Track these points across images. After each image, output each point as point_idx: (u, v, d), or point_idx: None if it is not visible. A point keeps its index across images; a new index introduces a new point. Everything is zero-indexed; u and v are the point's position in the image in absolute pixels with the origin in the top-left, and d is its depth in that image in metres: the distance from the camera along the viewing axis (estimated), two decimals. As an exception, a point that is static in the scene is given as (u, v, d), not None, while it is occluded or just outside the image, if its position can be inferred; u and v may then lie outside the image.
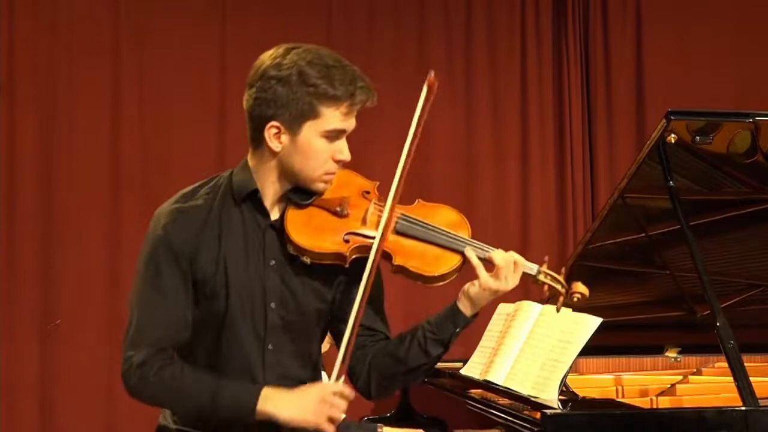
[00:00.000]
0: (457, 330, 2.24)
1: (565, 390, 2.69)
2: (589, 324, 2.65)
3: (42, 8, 4.55)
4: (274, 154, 2.16)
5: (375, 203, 2.18)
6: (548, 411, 2.39)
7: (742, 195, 3.09)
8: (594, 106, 5.25)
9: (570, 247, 4.86)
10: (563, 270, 2.30)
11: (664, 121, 2.74)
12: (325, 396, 2.10)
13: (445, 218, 2.22)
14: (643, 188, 3.00)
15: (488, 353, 2.95)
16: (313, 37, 4.94)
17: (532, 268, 2.25)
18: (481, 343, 3.08)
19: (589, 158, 5.25)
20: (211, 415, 2.13)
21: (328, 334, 2.37)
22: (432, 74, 2.22)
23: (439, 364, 3.29)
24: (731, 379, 2.54)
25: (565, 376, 2.61)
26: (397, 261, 2.14)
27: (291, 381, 2.18)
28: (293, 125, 2.11)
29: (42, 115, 4.53)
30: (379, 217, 2.14)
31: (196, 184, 2.27)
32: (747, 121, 2.76)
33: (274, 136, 2.14)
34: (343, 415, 2.14)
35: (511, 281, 2.19)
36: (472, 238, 2.21)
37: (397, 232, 2.17)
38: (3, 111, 4.48)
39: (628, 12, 5.27)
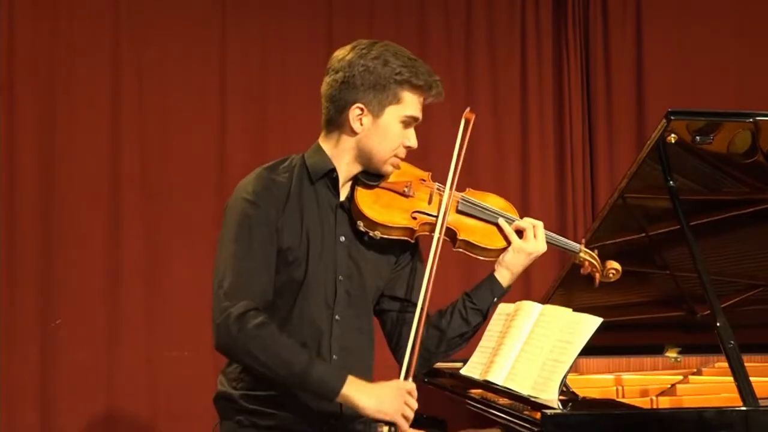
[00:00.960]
0: (495, 299, 2.50)
1: (565, 390, 2.69)
2: (589, 324, 2.64)
3: (42, 8, 4.54)
4: (353, 134, 2.36)
5: (437, 186, 2.46)
6: (548, 411, 2.39)
7: (742, 195, 3.09)
8: (594, 106, 5.25)
9: (570, 247, 4.86)
10: (596, 251, 2.63)
11: (664, 121, 2.74)
12: (402, 393, 2.28)
13: (495, 202, 2.51)
14: (643, 188, 3.00)
15: (488, 353, 2.95)
16: (313, 37, 4.97)
17: (574, 246, 2.61)
18: (481, 343, 3.08)
19: (589, 158, 5.25)
20: (297, 384, 2.25)
21: None
22: (468, 110, 2.55)
23: (439, 364, 3.31)
24: (731, 379, 2.54)
25: (566, 376, 2.61)
26: (461, 236, 2.42)
27: (352, 354, 2.37)
28: (377, 108, 2.34)
29: (42, 115, 4.53)
30: (442, 198, 2.41)
31: (273, 162, 2.41)
32: (747, 121, 2.77)
33: (357, 117, 2.34)
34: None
35: (538, 243, 2.48)
36: None
37: (459, 212, 2.45)
38: (3, 111, 4.47)
39: (628, 12, 5.27)
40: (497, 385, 2.77)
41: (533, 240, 2.48)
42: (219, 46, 4.79)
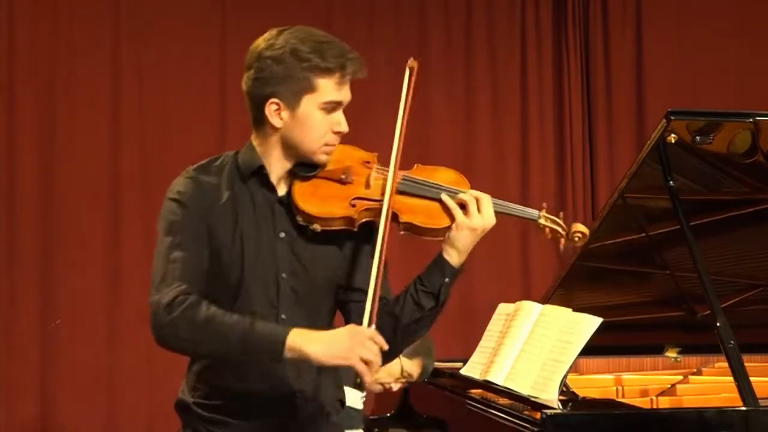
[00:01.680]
0: (446, 280, 2.28)
1: (565, 390, 2.69)
2: (589, 324, 2.65)
3: (42, 8, 4.54)
4: (276, 130, 2.27)
5: (376, 169, 2.30)
6: (548, 411, 2.39)
7: (742, 195, 3.09)
8: (594, 106, 5.25)
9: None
10: (561, 214, 2.43)
11: (664, 121, 2.74)
12: (356, 336, 2.12)
13: (444, 177, 2.34)
14: (643, 188, 3.00)
15: (488, 353, 2.95)
16: (313, 37, 4.96)
17: (532, 213, 2.39)
18: (481, 343, 3.08)
19: (589, 158, 5.25)
20: (240, 352, 2.14)
21: None
22: (411, 60, 2.42)
23: (439, 364, 3.31)
24: (731, 379, 2.54)
25: (565, 376, 2.61)
26: (404, 218, 2.25)
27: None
28: (292, 100, 2.23)
29: (42, 115, 4.53)
30: (383, 181, 2.27)
31: (203, 161, 2.35)
32: (747, 121, 2.77)
33: (274, 113, 2.25)
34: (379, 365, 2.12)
35: (483, 217, 2.27)
36: None
37: (400, 192, 2.28)
38: (3, 111, 4.47)
39: (628, 12, 5.27)
40: (497, 385, 2.77)
41: (477, 215, 2.27)
42: (219, 46, 4.79)
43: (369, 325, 2.14)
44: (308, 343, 2.12)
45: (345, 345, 2.12)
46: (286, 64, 2.21)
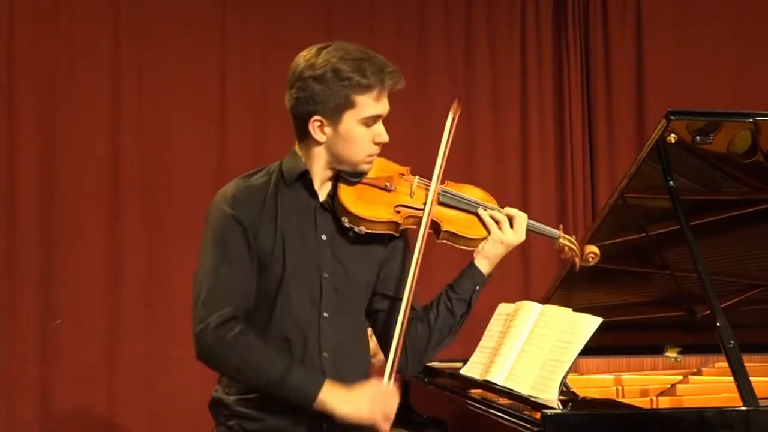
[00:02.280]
0: (477, 287, 2.50)
1: (565, 390, 2.69)
2: (589, 324, 2.65)
3: (42, 8, 4.55)
4: (319, 143, 2.38)
5: (419, 180, 2.48)
6: (548, 411, 2.39)
7: (742, 195, 3.09)
8: (594, 106, 5.25)
9: (570, 247, 4.86)
10: (574, 236, 2.65)
11: (664, 121, 2.74)
12: (381, 394, 2.28)
13: (475, 193, 2.54)
14: (643, 188, 3.00)
15: (488, 353, 2.95)
16: (313, 37, 4.93)
17: (553, 232, 2.62)
18: (481, 343, 3.08)
19: (589, 158, 5.25)
20: (274, 391, 2.27)
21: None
22: (456, 102, 2.61)
23: (439, 364, 3.31)
24: (731, 379, 2.54)
25: (566, 376, 2.61)
26: (445, 227, 2.45)
27: (345, 351, 2.38)
28: (334, 117, 2.34)
29: (42, 115, 4.53)
30: (425, 191, 2.45)
31: (251, 171, 2.46)
32: (747, 121, 2.76)
33: (318, 129, 2.36)
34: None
35: (516, 234, 2.50)
36: None
37: (441, 204, 2.47)
38: (3, 111, 4.47)
39: (628, 12, 5.27)
40: (497, 385, 2.77)
41: (510, 231, 2.49)
42: (219, 46, 4.79)
43: (389, 379, 2.29)
44: (336, 402, 2.27)
45: (369, 404, 2.27)
46: (327, 83, 2.31)
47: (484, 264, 2.50)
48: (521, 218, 2.51)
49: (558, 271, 3.58)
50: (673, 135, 2.76)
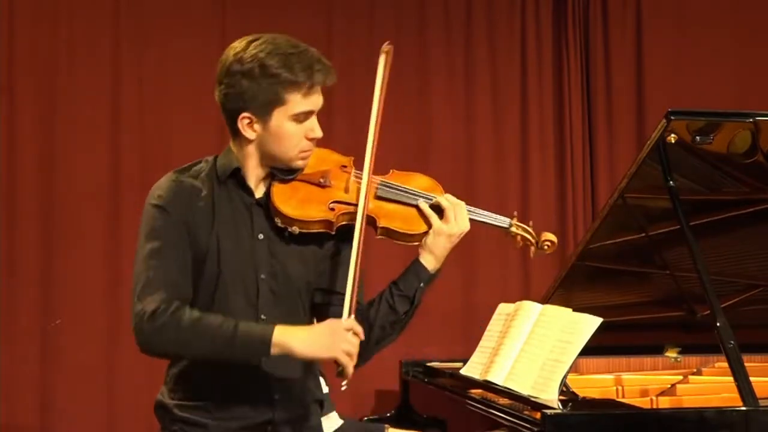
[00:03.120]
0: (422, 284, 2.37)
1: (565, 390, 2.69)
2: (589, 324, 2.65)
3: (42, 8, 4.54)
4: (250, 141, 2.32)
5: (355, 174, 2.36)
6: (548, 411, 2.39)
7: (742, 195, 3.09)
8: (594, 106, 5.24)
9: (570, 247, 4.86)
10: (531, 222, 2.54)
11: (664, 121, 2.74)
12: (337, 330, 2.20)
13: (420, 183, 2.42)
14: (643, 188, 3.00)
15: (488, 353, 2.95)
16: (313, 37, 4.93)
17: (504, 221, 2.51)
18: (481, 343, 3.09)
19: (589, 158, 5.24)
20: (228, 353, 2.20)
21: None
22: (386, 44, 2.39)
23: (439, 364, 3.32)
24: (731, 379, 2.55)
25: (566, 376, 2.61)
26: (382, 223, 2.34)
27: (284, 356, 2.24)
28: (263, 114, 2.28)
29: (42, 115, 4.53)
30: (360, 185, 2.32)
31: (184, 166, 2.40)
32: (747, 121, 2.77)
33: (247, 126, 2.30)
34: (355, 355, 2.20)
35: (459, 223, 2.37)
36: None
37: (378, 197, 2.36)
38: (3, 111, 4.47)
39: (628, 12, 5.26)
40: (497, 385, 2.77)
41: (453, 221, 2.36)
42: (219, 46, 4.76)
43: (348, 315, 2.21)
44: (293, 339, 2.18)
45: (327, 339, 2.19)
46: (255, 79, 2.25)
47: (429, 259, 2.38)
48: (460, 206, 2.40)
49: (558, 271, 3.58)
50: (673, 135, 2.76)
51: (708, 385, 3.23)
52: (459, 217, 2.38)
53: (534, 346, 2.76)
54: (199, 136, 4.71)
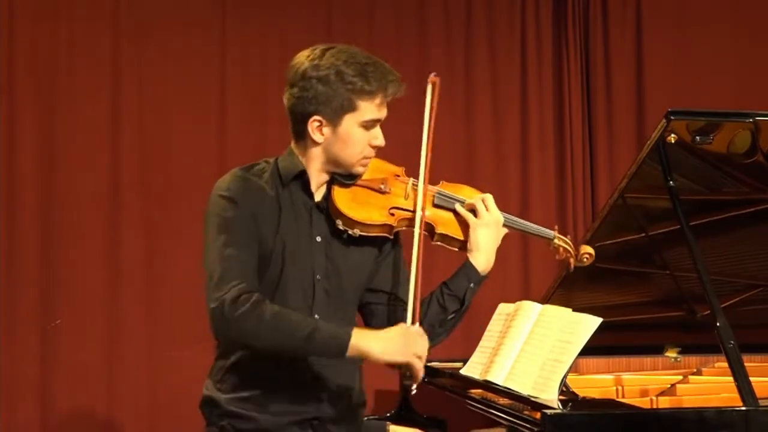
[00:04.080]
0: (472, 285, 2.51)
1: (565, 390, 2.69)
2: (589, 324, 2.65)
3: (42, 8, 4.54)
4: (317, 144, 2.41)
5: (413, 182, 2.48)
6: (548, 411, 2.39)
7: (742, 195, 3.09)
8: (594, 106, 5.25)
9: (570, 247, 4.86)
10: (569, 236, 2.70)
11: (664, 121, 2.74)
12: (410, 335, 2.30)
13: (469, 194, 2.56)
14: (643, 188, 3.00)
15: (488, 353, 2.95)
16: (313, 37, 4.94)
17: (548, 233, 2.67)
18: (481, 343, 3.08)
19: (589, 158, 5.25)
20: (305, 349, 2.28)
21: None
22: (432, 75, 2.56)
23: (439, 364, 3.31)
24: (731, 379, 2.54)
25: (565, 376, 2.61)
26: (440, 230, 2.46)
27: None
28: (334, 118, 2.37)
29: (42, 115, 4.53)
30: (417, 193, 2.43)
31: (246, 165, 2.48)
32: (747, 121, 2.77)
33: (316, 129, 2.39)
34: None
35: (492, 214, 2.52)
36: None
37: (435, 206, 2.49)
38: (3, 111, 4.47)
39: (628, 12, 5.26)
40: (497, 385, 2.77)
41: (486, 212, 2.51)
42: (219, 46, 4.79)
43: (413, 323, 2.32)
44: (370, 342, 2.28)
45: (401, 343, 2.28)
46: (330, 85, 2.34)
47: (478, 259, 2.52)
48: (488, 198, 2.54)
49: (558, 271, 3.58)
50: (673, 135, 2.76)
51: (708, 385, 3.22)
52: (489, 207, 2.52)
53: (534, 346, 2.75)
54: (199, 136, 4.72)
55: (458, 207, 2.52)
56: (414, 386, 2.32)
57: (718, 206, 3.14)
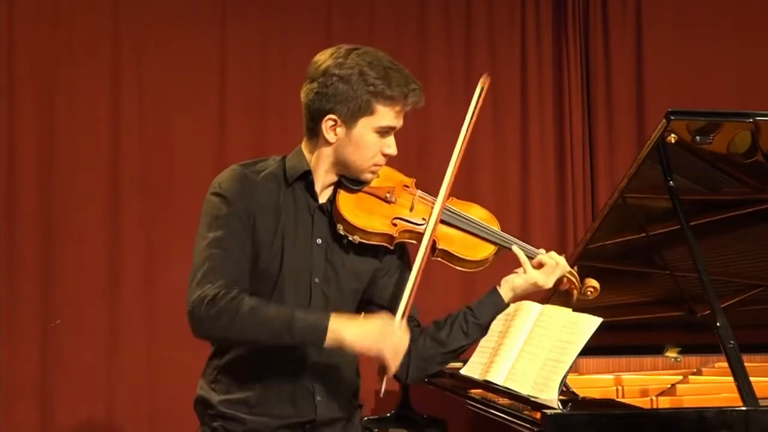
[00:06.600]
0: (496, 314, 2.45)
1: (565, 390, 2.69)
2: (589, 324, 2.65)
3: (42, 8, 4.54)
4: (328, 144, 2.36)
5: (420, 194, 2.44)
6: (548, 411, 2.39)
7: (742, 195, 3.09)
8: (594, 106, 5.24)
9: (570, 247, 4.86)
10: (575, 267, 2.54)
11: (664, 121, 2.74)
12: (389, 326, 2.25)
13: (477, 213, 2.48)
14: (643, 188, 3.00)
15: (488, 353, 2.95)
16: (313, 36, 4.97)
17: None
18: (481, 343, 3.08)
19: (589, 158, 5.25)
20: (284, 339, 2.23)
21: None
22: (485, 76, 2.54)
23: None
24: (731, 379, 2.55)
25: (565, 376, 2.61)
26: (441, 245, 2.40)
27: (332, 356, 2.33)
28: (349, 119, 2.32)
29: (42, 115, 4.53)
30: (425, 206, 2.41)
31: (250, 160, 2.43)
32: (747, 121, 2.77)
33: (330, 128, 2.34)
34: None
35: (552, 279, 2.44)
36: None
37: (441, 221, 2.41)
38: (3, 111, 4.47)
39: (628, 12, 5.26)
40: (497, 385, 2.77)
41: (549, 275, 2.44)
42: (219, 46, 4.79)
43: (401, 318, 2.27)
44: (346, 327, 2.23)
45: (377, 333, 2.23)
46: (352, 84, 2.29)
47: (508, 294, 2.45)
48: (561, 268, 2.44)
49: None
50: (673, 135, 2.76)
51: (708, 385, 3.23)
52: (554, 275, 2.43)
53: (534, 346, 2.76)
54: (199, 135, 4.72)
55: (517, 249, 2.45)
56: (383, 384, 2.26)
57: (718, 206, 3.14)
